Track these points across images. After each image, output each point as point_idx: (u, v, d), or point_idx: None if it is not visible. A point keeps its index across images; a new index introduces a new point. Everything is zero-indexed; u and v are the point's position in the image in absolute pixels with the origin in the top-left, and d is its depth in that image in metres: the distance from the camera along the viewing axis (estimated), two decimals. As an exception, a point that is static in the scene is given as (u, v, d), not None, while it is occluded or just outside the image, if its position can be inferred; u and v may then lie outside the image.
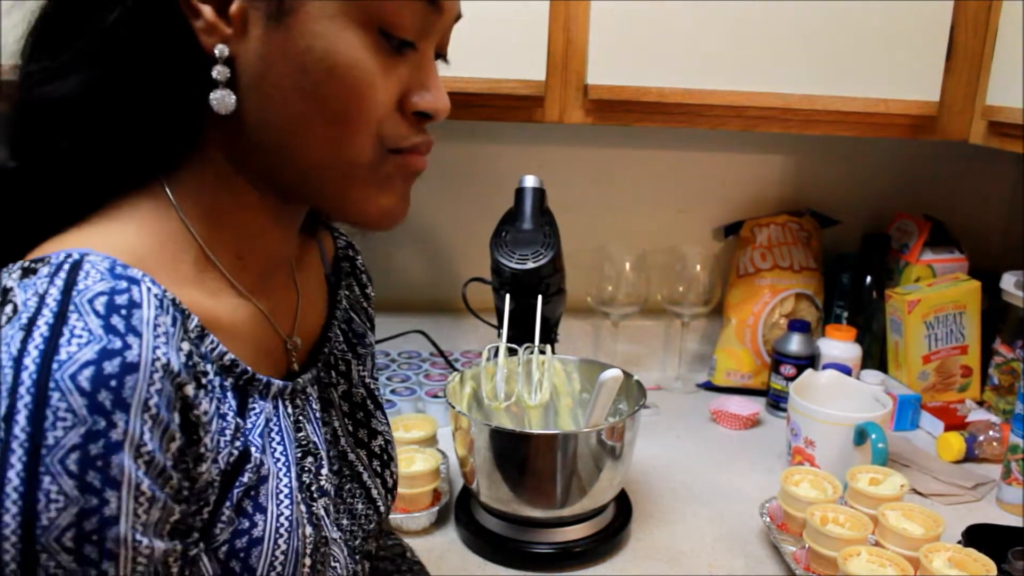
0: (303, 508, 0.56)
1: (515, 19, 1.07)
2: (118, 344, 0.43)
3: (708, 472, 1.21)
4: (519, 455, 0.96)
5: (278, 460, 0.55)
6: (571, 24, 1.10)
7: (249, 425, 0.53)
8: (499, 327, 1.07)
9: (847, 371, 1.32)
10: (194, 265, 0.53)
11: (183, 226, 0.53)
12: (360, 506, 0.66)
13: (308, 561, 0.55)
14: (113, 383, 0.42)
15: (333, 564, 0.60)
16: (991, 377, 1.39)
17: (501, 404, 1.03)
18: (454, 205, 1.46)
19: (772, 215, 1.50)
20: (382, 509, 0.67)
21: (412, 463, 1.05)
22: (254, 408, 0.54)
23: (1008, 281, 1.34)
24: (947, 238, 1.48)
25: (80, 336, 0.43)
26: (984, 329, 1.41)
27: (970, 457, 1.25)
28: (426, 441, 1.14)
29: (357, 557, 0.64)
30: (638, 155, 1.49)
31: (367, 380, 0.70)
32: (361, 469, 0.66)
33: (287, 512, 0.54)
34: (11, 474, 0.41)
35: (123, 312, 0.44)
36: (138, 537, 0.43)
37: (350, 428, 0.67)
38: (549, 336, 1.14)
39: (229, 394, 0.52)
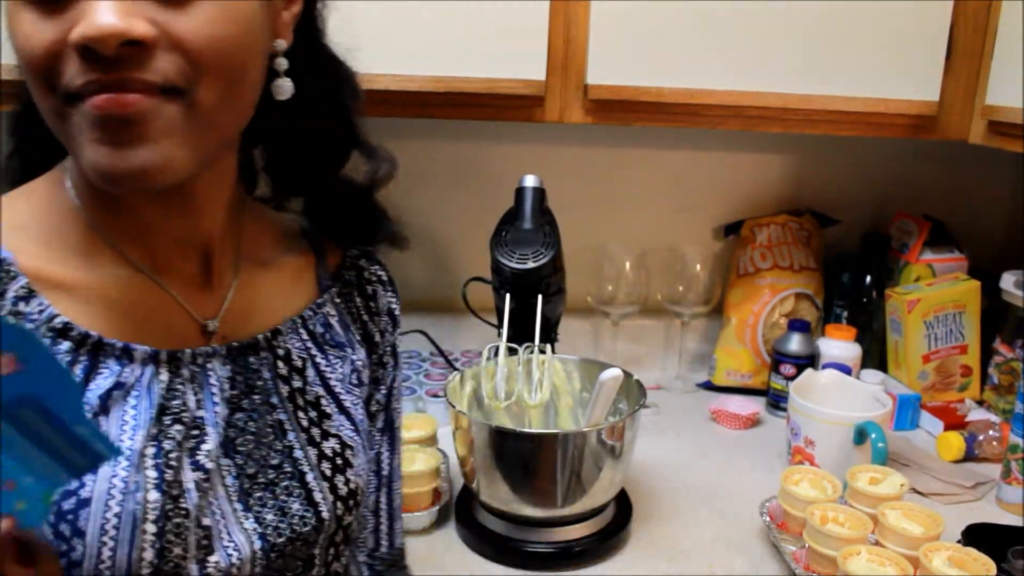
0: (152, 473, 0.55)
1: (515, 19, 1.07)
2: None
3: (708, 472, 1.21)
4: (519, 454, 0.97)
5: (125, 423, 0.55)
6: (571, 24, 1.10)
7: (93, 387, 0.55)
8: (499, 327, 1.07)
9: (847, 371, 1.32)
10: (83, 238, 0.59)
11: (73, 202, 0.59)
12: (296, 506, 0.63)
13: (152, 528, 0.54)
14: None
15: (227, 547, 0.58)
16: (991, 377, 1.39)
17: (501, 404, 1.03)
18: (454, 205, 1.45)
19: (772, 215, 1.50)
20: (324, 515, 0.64)
21: (412, 462, 1.05)
22: (103, 372, 0.56)
23: (1008, 281, 1.34)
24: (947, 238, 1.48)
25: None
26: (984, 329, 1.41)
27: (970, 456, 1.25)
28: (426, 440, 1.14)
29: (282, 559, 0.62)
30: (638, 155, 1.49)
31: (331, 382, 0.68)
32: (307, 468, 0.64)
33: (123, 474, 0.54)
34: None
35: None
36: None
37: (303, 424, 0.65)
38: (549, 336, 1.14)
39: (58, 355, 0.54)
